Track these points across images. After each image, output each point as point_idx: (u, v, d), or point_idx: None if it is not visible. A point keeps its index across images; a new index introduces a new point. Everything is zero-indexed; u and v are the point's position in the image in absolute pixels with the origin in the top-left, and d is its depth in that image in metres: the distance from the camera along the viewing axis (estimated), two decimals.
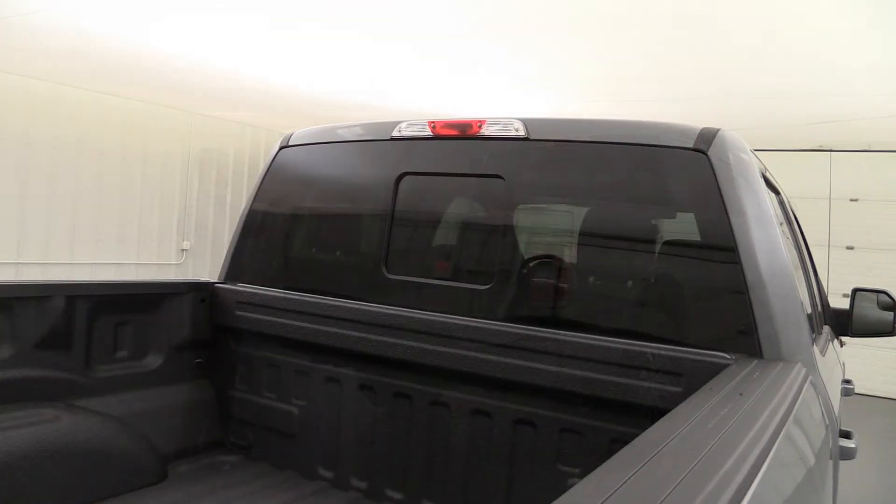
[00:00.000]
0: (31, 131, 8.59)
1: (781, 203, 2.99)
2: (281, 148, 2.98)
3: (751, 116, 7.39)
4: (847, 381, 3.45)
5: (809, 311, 2.70)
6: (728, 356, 1.93)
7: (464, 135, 2.48)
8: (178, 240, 10.52)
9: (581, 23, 5.05)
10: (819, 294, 3.45)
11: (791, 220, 3.14)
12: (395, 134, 2.63)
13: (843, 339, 3.75)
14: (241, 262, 3.00)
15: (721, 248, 2.04)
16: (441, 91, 7.54)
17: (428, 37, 5.72)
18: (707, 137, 2.12)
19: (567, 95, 7.43)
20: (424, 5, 4.96)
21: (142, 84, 8.49)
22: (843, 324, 3.39)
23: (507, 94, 7.48)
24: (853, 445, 2.17)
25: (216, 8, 5.35)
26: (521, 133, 2.37)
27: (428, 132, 2.55)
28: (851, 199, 8.92)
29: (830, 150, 9.04)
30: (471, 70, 6.58)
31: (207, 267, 10.55)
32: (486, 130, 2.44)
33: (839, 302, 3.82)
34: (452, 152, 2.53)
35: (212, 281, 2.96)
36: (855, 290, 3.34)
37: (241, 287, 2.90)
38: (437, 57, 6.27)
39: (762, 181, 2.19)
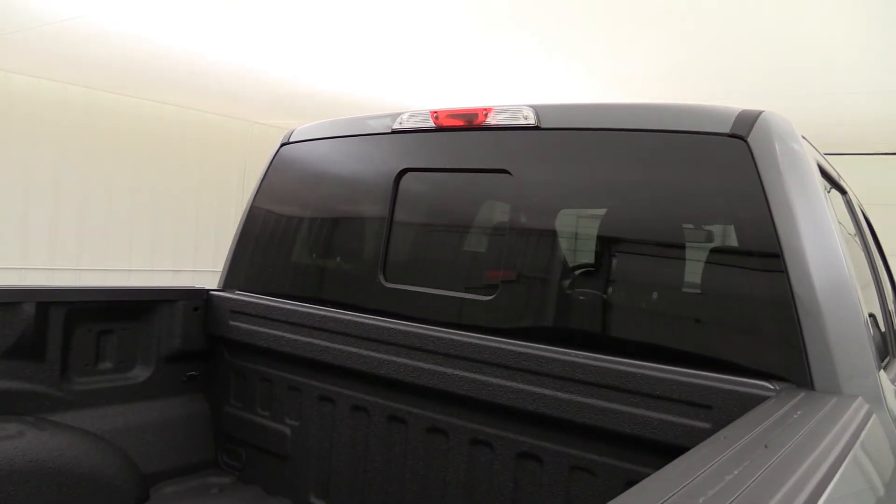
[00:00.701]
0: (92, 141, 8.76)
1: (849, 204, 2.58)
2: (282, 145, 2.76)
3: (818, 115, 6.80)
4: None
5: (882, 330, 2.28)
6: (770, 386, 1.58)
7: (470, 125, 2.20)
8: None
9: (609, 11, 4.67)
10: None
11: (861, 226, 2.71)
12: (397, 126, 2.36)
13: None
14: (239, 267, 2.78)
15: (763, 255, 1.69)
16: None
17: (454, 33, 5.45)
18: (747, 121, 1.76)
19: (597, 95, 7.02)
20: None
21: (199, 93, 8.54)
22: None
23: (531, 93, 7.11)
24: None
25: (275, 18, 5.28)
26: (531, 121, 2.07)
27: (430, 123, 2.27)
28: None
29: None
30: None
31: None
32: (493, 119, 2.14)
33: None
34: (456, 145, 2.24)
35: (207, 288, 2.75)
36: None
37: (236, 295, 2.68)
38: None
39: (817, 175, 1.82)
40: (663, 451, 1.66)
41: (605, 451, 1.80)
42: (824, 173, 2.03)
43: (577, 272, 2.03)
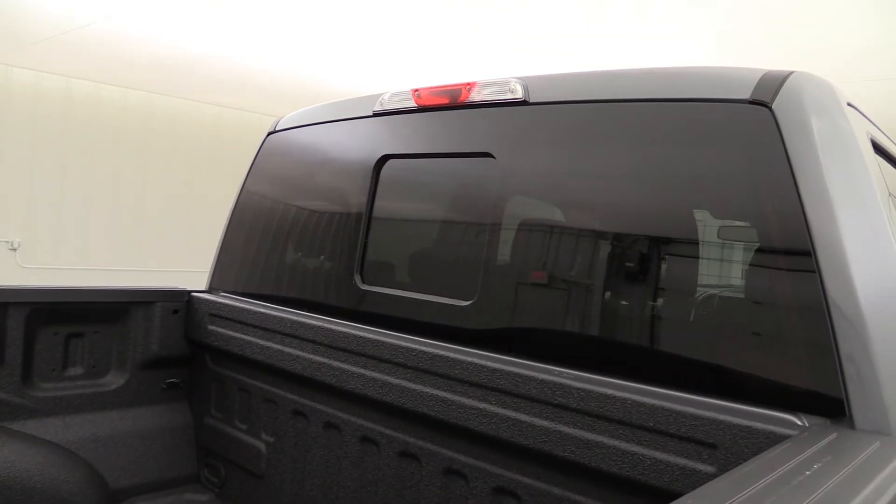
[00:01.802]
0: (149, 144, 8.91)
1: None
2: (268, 134, 2.54)
3: None
4: None
5: None
6: (795, 421, 1.22)
7: (454, 103, 1.91)
8: None
9: None
10: None
11: None
12: (378, 108, 2.10)
13: None
14: (224, 267, 2.58)
15: (790, 252, 1.34)
16: None
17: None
18: (772, 85, 1.41)
19: None
20: None
21: (250, 94, 8.55)
22: None
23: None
24: None
25: (333, 23, 5.20)
26: (519, 96, 1.76)
27: (412, 103, 2.00)
28: None
29: None
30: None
31: None
32: (477, 95, 1.85)
33: None
34: (440, 127, 1.96)
35: (188, 289, 2.56)
36: None
37: (216, 297, 2.47)
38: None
39: (868, 152, 1.44)
40: (657, 496, 1.33)
41: (591, 493, 1.47)
42: (881, 151, 1.64)
43: (561, 274, 1.70)
